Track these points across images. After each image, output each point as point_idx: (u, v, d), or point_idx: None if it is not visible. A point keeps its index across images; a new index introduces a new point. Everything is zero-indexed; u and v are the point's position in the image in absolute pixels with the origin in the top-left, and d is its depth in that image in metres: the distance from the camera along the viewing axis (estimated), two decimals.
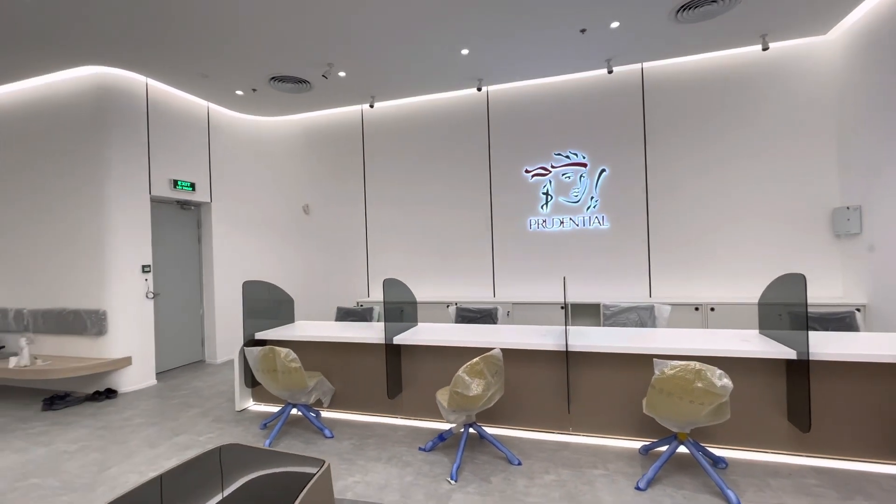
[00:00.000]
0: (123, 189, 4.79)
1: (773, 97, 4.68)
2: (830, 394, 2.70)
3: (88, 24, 3.73)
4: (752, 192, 4.76)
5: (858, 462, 2.66)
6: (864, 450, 2.66)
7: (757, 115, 4.73)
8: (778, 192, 4.68)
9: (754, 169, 4.75)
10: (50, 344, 4.89)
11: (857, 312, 3.31)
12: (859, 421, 2.66)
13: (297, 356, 3.26)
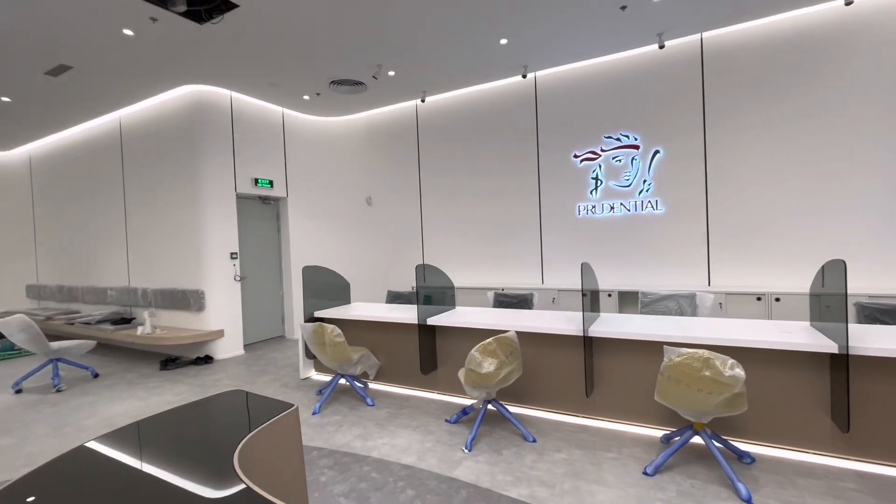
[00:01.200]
0: (214, 188, 5.65)
1: (856, 63, 4.07)
2: (878, 393, 2.44)
3: (188, 53, 4.47)
4: (827, 171, 4.22)
5: None
6: None
7: (837, 82, 4.15)
8: (858, 171, 4.09)
9: (831, 145, 4.19)
10: (165, 317, 5.98)
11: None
12: None
13: (341, 332, 3.69)
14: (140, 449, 1.26)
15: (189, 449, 1.30)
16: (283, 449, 1.35)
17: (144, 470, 1.15)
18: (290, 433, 1.41)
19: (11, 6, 3.56)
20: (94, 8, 3.63)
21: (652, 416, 3.01)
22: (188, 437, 1.39)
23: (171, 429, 1.45)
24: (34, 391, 4.62)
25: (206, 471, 1.13)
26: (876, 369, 2.43)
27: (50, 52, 4.37)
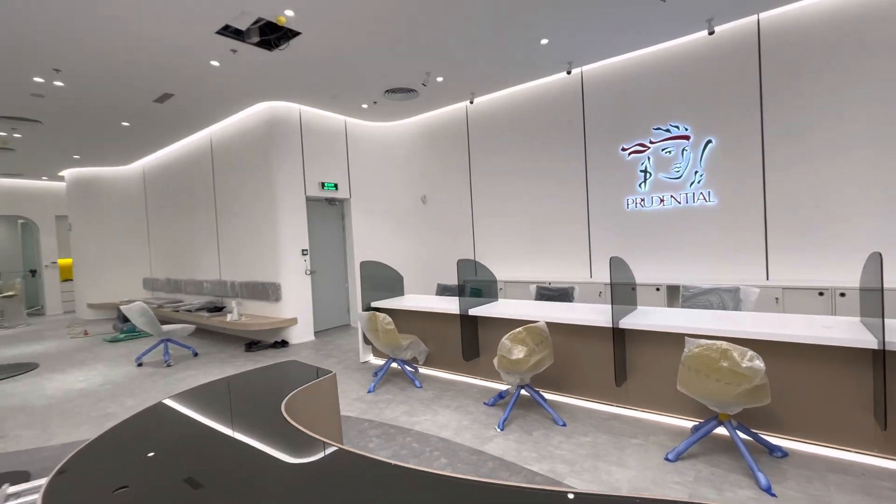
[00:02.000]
0: (286, 192, 6.37)
1: None
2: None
3: (262, 75, 5.14)
4: None
5: None
6: None
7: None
8: None
9: None
10: (249, 306, 6.86)
11: None
12: None
13: (392, 320, 4.11)
14: (211, 400, 1.69)
15: (248, 400, 1.72)
16: (322, 403, 1.73)
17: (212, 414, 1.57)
18: (329, 392, 1.79)
19: (129, 51, 4.38)
20: (189, 46, 4.34)
21: (683, 406, 3.06)
22: (250, 391, 1.81)
23: (238, 386, 1.89)
24: (150, 365, 5.60)
25: (261, 415, 1.53)
26: None
27: (156, 84, 5.25)
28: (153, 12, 3.72)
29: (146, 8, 3.65)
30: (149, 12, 3.71)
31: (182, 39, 4.21)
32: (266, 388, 1.76)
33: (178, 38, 4.19)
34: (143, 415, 1.61)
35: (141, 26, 3.93)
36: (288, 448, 1.26)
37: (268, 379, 1.91)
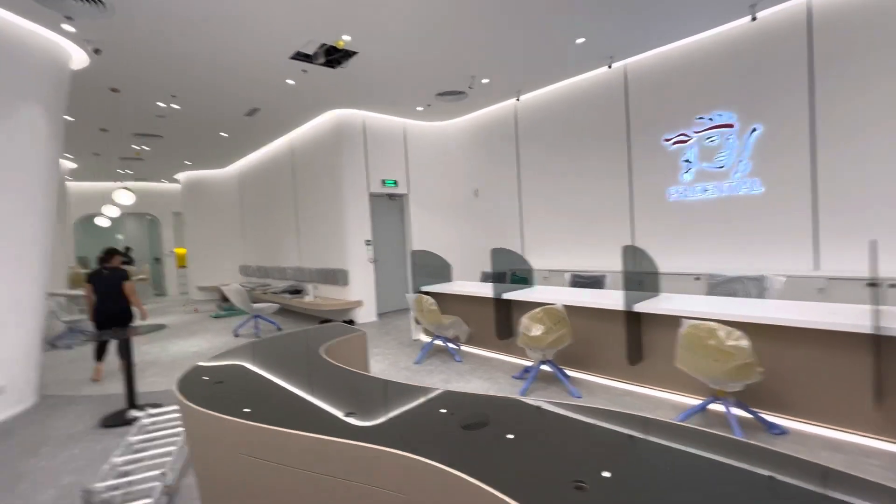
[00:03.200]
0: (352, 189, 7.18)
1: None
2: None
3: (329, 88, 5.94)
4: None
5: None
6: None
7: None
8: None
9: None
10: (323, 289, 7.84)
11: None
12: None
13: (435, 302, 4.68)
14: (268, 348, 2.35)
15: (296, 347, 2.35)
16: (352, 353, 2.32)
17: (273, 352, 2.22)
18: (359, 345, 2.38)
19: (225, 77, 5.36)
20: (269, 70, 5.21)
21: (693, 386, 3.26)
22: (299, 341, 2.45)
23: (292, 339, 2.55)
24: (244, 337, 6.74)
25: (306, 355, 2.14)
26: None
27: (246, 101, 6.27)
28: (243, 46, 4.58)
29: (238, 43, 4.51)
30: (240, 46, 4.58)
31: (264, 65, 5.07)
32: (312, 339, 2.39)
33: (261, 65, 5.06)
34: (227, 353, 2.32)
35: (234, 57, 4.83)
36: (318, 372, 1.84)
37: (315, 333, 2.54)
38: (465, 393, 1.62)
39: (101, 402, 4.10)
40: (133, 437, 3.00)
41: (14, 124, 3.88)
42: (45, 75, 4.22)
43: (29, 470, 2.87)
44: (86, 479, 2.61)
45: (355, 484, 1.11)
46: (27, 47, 3.98)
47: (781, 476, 1.02)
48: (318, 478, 1.17)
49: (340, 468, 1.14)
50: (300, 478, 1.20)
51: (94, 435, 3.37)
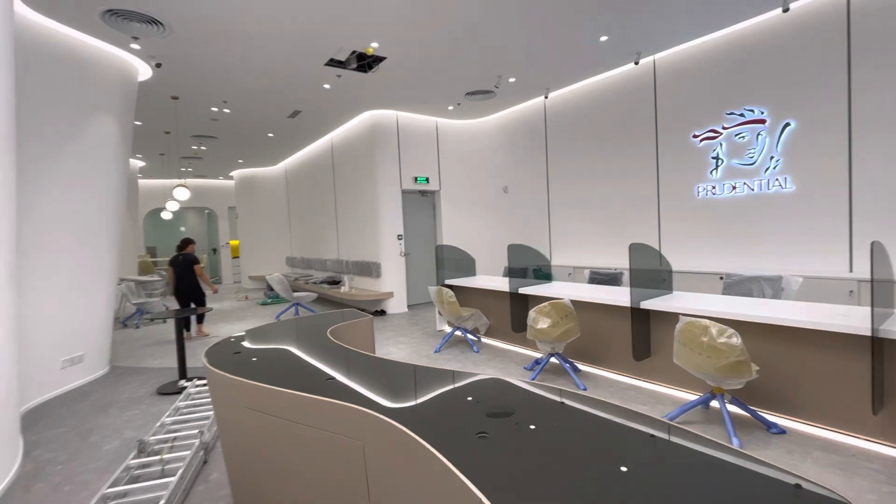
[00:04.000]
0: (385, 186, 7.54)
1: None
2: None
3: (363, 91, 6.30)
4: None
5: None
6: None
7: None
8: None
9: None
10: (358, 281, 8.29)
11: None
12: None
13: (454, 294, 4.91)
14: (283, 328, 2.67)
15: (312, 328, 2.66)
16: (358, 335, 2.60)
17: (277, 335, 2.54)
18: (366, 329, 2.67)
19: (269, 83, 5.83)
20: (307, 75, 5.62)
21: (697, 384, 3.30)
22: (313, 325, 2.76)
23: (307, 321, 2.86)
24: None
25: (315, 335, 2.44)
26: None
27: (288, 104, 6.76)
28: (283, 56, 4.99)
29: (278, 53, 4.93)
30: (280, 56, 5.00)
31: (302, 71, 5.48)
32: (324, 322, 2.70)
33: (300, 71, 5.47)
34: (251, 332, 2.68)
35: (276, 66, 5.27)
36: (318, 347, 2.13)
37: (329, 318, 2.85)
38: (425, 367, 1.84)
39: (159, 373, 4.70)
40: (181, 402, 3.49)
41: (92, 132, 4.50)
42: (117, 88, 4.84)
43: (99, 425, 3.41)
44: (142, 434, 3.09)
45: (325, 432, 1.38)
46: (102, 65, 4.59)
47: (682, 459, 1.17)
48: (299, 427, 1.44)
49: (315, 419, 1.40)
50: (286, 427, 1.48)
51: (152, 400, 3.91)
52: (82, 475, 2.67)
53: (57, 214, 4.16)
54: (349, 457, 1.32)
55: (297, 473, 1.51)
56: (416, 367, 1.85)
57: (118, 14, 3.92)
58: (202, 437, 2.78)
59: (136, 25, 4.11)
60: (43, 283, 4.04)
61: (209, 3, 3.84)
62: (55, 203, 4.15)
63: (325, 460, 1.41)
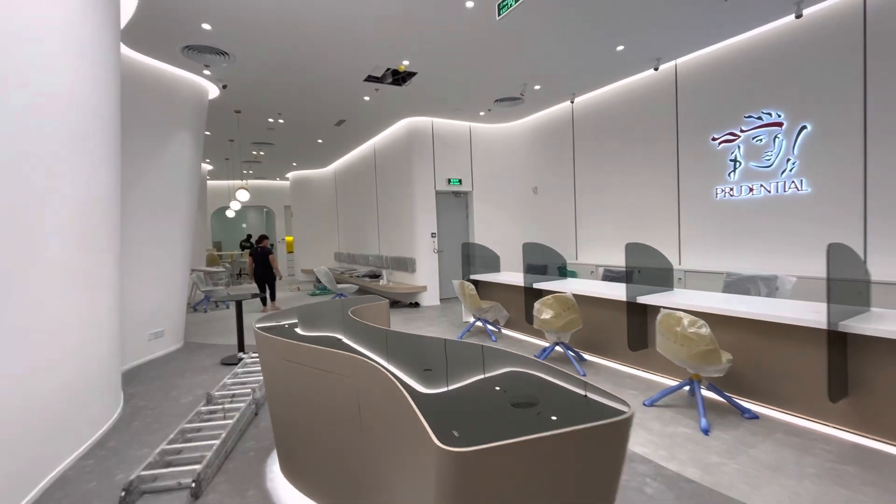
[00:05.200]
0: (420, 187, 8.12)
1: None
2: (871, 369, 2.54)
3: (400, 102, 6.91)
4: None
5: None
6: None
7: None
8: None
9: None
10: (395, 275, 8.95)
11: None
12: None
13: (474, 287, 5.38)
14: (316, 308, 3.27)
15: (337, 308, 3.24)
16: (375, 315, 3.15)
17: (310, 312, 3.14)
18: (381, 311, 3.22)
19: (318, 95, 6.58)
20: (349, 90, 6.30)
21: (685, 372, 3.57)
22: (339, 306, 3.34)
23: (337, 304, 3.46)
24: None
25: (339, 313, 3.01)
26: (867, 348, 2.53)
27: (335, 114, 7.51)
28: (328, 74, 5.68)
29: (324, 72, 5.62)
30: (326, 74, 5.69)
31: (345, 87, 6.16)
32: (349, 304, 3.27)
33: (343, 86, 6.15)
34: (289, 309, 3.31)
35: (322, 83, 5.98)
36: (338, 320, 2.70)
37: (352, 300, 3.43)
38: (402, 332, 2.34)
39: (223, 349, 5.55)
40: (239, 369, 4.23)
41: (173, 144, 5.41)
42: (192, 106, 5.74)
43: (177, 385, 4.23)
44: (210, 391, 3.84)
45: (330, 374, 1.92)
46: (181, 88, 5.49)
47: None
48: (315, 370, 2.00)
49: (325, 364, 1.95)
50: (307, 371, 2.04)
51: (217, 368, 4.71)
52: (166, 417, 3.44)
53: (144, 214, 5.08)
54: (347, 390, 1.86)
55: (313, 403, 2.08)
56: (397, 332, 2.36)
57: (194, 49, 4.75)
58: (254, 395, 3.46)
59: (208, 56, 4.93)
60: (134, 270, 4.96)
61: (265, 36, 4.56)
62: (143, 204, 5.06)
63: (331, 393, 1.95)
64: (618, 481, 1.26)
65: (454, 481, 1.11)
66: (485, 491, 1.12)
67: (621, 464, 1.24)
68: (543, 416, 1.27)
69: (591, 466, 1.20)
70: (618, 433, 1.19)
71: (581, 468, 1.19)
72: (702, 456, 2.57)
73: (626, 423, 1.18)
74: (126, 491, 2.27)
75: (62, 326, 2.69)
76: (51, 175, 2.55)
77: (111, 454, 2.88)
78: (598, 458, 1.20)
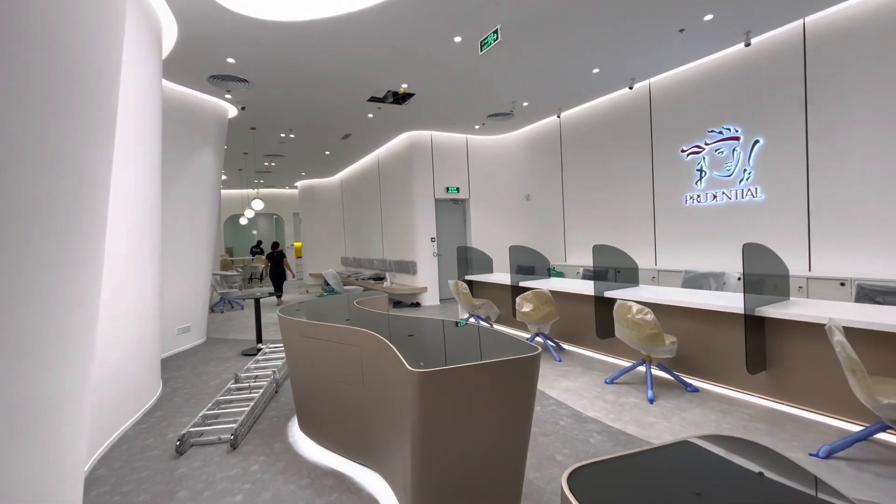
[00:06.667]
0: (420, 195, 8.75)
1: None
2: (783, 347, 3.10)
3: (401, 118, 7.56)
4: None
5: (816, 413, 2.98)
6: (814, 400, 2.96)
7: None
8: None
9: None
10: (398, 277, 9.56)
11: None
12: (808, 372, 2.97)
13: (467, 286, 5.98)
14: (328, 299, 3.89)
15: (344, 298, 3.85)
16: (376, 304, 3.76)
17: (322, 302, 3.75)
18: (382, 303, 3.83)
19: (326, 113, 7.25)
20: (353, 108, 6.96)
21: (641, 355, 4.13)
22: (347, 298, 3.95)
23: (345, 296, 4.07)
24: None
25: (345, 302, 3.62)
26: (784, 330, 3.10)
27: (341, 129, 8.18)
28: (335, 95, 6.34)
29: (332, 93, 6.28)
30: (333, 95, 6.35)
31: (350, 105, 6.82)
32: (354, 296, 3.89)
33: (349, 105, 6.81)
34: (306, 300, 3.92)
35: (330, 102, 6.64)
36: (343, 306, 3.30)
37: (357, 295, 4.04)
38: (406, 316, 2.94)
39: (242, 343, 6.18)
40: (260, 357, 4.85)
41: (197, 160, 6.08)
42: (214, 126, 6.42)
43: (205, 371, 4.86)
44: None
45: (343, 345, 2.52)
46: (204, 111, 6.17)
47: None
48: (328, 344, 2.60)
49: (335, 336, 2.55)
50: (321, 343, 2.65)
51: (239, 358, 5.34)
52: (200, 395, 4.06)
53: (174, 222, 5.74)
54: (353, 357, 2.46)
55: (326, 370, 2.68)
56: (392, 314, 2.97)
57: (218, 77, 5.42)
58: (275, 375, 4.08)
59: (230, 83, 5.60)
60: (166, 271, 5.61)
61: (281, 66, 5.23)
62: (173, 212, 5.72)
63: (340, 360, 2.55)
64: (532, 403, 1.85)
65: (420, 392, 1.71)
66: (439, 399, 1.72)
67: (534, 390, 1.84)
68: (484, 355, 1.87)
69: (512, 389, 1.80)
70: (529, 366, 1.79)
71: (504, 389, 1.79)
72: (642, 418, 3.14)
73: (534, 359, 1.78)
74: (180, 441, 2.89)
75: (125, 315, 3.33)
76: (119, 181, 3.20)
77: (160, 420, 3.51)
78: (516, 384, 1.80)
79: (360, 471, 2.57)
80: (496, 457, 1.87)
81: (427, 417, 1.75)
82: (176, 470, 2.71)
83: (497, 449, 1.86)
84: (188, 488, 2.50)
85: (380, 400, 2.28)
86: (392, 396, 2.10)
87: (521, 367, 1.78)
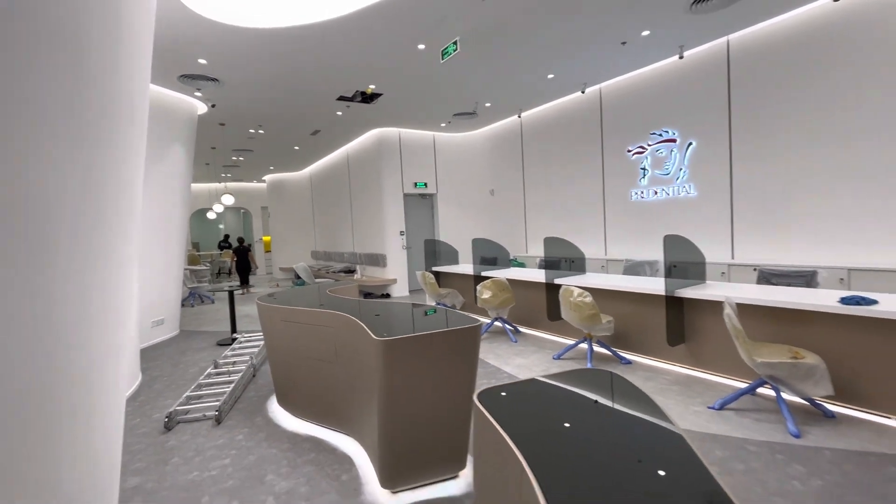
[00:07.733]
0: (389, 190, 9.07)
1: (861, 56, 4.23)
2: (697, 322, 3.68)
3: (369, 116, 7.83)
4: (842, 152, 4.49)
5: (721, 376, 3.57)
6: (720, 366, 3.55)
7: (853, 76, 4.38)
8: (871, 149, 4.28)
9: (844, 126, 4.44)
10: (368, 269, 9.88)
11: (819, 272, 3.61)
12: (715, 343, 3.56)
13: (433, 276, 6.39)
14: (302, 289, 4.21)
15: (317, 290, 4.19)
16: (346, 292, 4.12)
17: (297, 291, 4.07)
18: (351, 291, 4.19)
19: (296, 111, 7.45)
20: (323, 106, 7.19)
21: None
22: (320, 288, 4.28)
23: (318, 287, 4.40)
24: None
25: (317, 292, 3.96)
26: (697, 308, 3.67)
27: (310, 125, 8.37)
28: (305, 93, 6.56)
29: (301, 91, 6.50)
30: (302, 93, 6.57)
31: (320, 103, 7.05)
32: (326, 286, 4.23)
33: (318, 103, 7.04)
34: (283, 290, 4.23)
35: (299, 100, 6.86)
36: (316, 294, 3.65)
37: (329, 284, 4.39)
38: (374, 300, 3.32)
39: (215, 334, 6.39)
40: (235, 345, 5.12)
41: (169, 156, 6.20)
42: (184, 123, 6.53)
43: (182, 360, 5.08)
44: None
45: (318, 327, 2.88)
46: (175, 108, 6.28)
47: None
48: (305, 326, 2.96)
49: (312, 320, 2.91)
50: (299, 327, 3.00)
51: (214, 348, 5.57)
52: (180, 381, 4.31)
53: (149, 217, 5.86)
54: (328, 337, 2.82)
55: (303, 350, 3.04)
56: (362, 300, 3.35)
57: (189, 76, 5.57)
58: (252, 360, 4.38)
59: (200, 82, 5.75)
60: (140, 264, 5.74)
61: (252, 67, 5.43)
62: (147, 208, 5.84)
63: (317, 341, 2.91)
64: (475, 366, 2.29)
65: (384, 359, 2.11)
66: (400, 364, 2.13)
67: (476, 354, 2.27)
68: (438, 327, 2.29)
69: (459, 354, 2.23)
70: (472, 335, 2.22)
71: (453, 355, 2.21)
72: None
73: (476, 329, 2.21)
74: (168, 418, 3.18)
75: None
76: None
77: (144, 403, 3.76)
78: (462, 348, 2.23)
79: (334, 436, 2.95)
80: (448, 412, 2.29)
81: (390, 380, 2.15)
82: (166, 443, 3.01)
83: (448, 405, 2.28)
84: (180, 456, 2.82)
85: (351, 372, 2.66)
86: (361, 367, 2.49)
87: (466, 335, 2.21)
